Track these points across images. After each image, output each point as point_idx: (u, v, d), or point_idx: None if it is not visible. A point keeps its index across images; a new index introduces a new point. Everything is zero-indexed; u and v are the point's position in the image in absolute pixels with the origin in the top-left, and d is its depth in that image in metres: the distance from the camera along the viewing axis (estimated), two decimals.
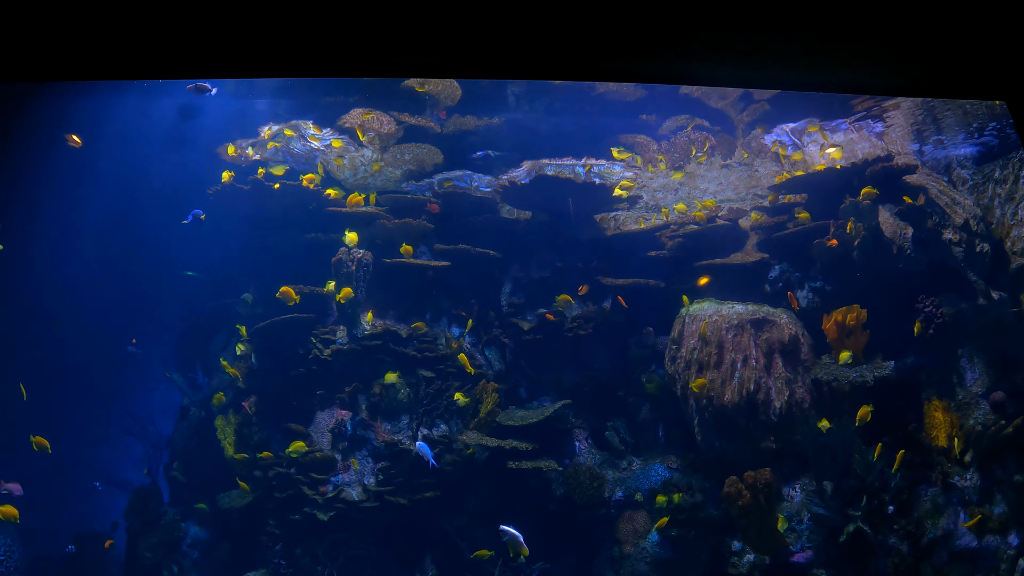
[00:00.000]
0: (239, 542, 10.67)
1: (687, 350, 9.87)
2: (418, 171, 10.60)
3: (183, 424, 11.44)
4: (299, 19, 2.00)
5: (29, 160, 10.24)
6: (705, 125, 10.35)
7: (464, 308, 10.07)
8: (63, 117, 9.93)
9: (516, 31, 2.06)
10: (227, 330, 11.46)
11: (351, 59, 2.21)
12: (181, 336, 11.89)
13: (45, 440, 8.67)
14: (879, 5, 2.00)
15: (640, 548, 9.81)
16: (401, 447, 9.37)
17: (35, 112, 9.82)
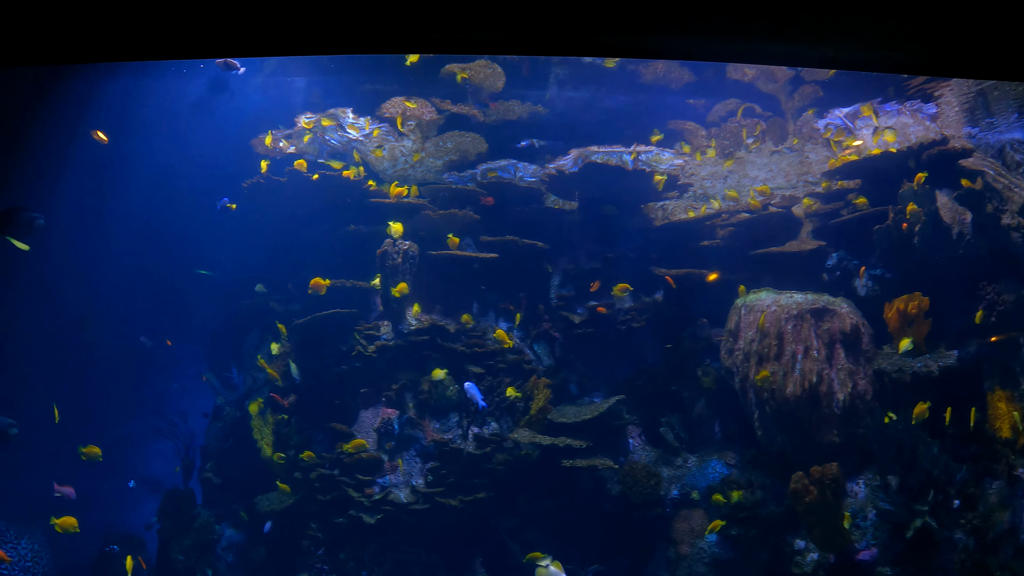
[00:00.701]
0: (275, 545, 10.33)
1: (745, 342, 9.59)
2: (460, 161, 10.31)
3: (217, 424, 11.12)
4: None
5: (58, 151, 9.91)
6: (756, 110, 10.10)
7: (512, 301, 9.77)
8: (92, 104, 9.59)
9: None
10: (262, 327, 11.14)
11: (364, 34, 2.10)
12: (214, 334, 11.55)
13: (96, 448, 8.35)
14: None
15: (697, 548, 9.52)
16: (452, 446, 9.05)
17: (62, 98, 9.49)
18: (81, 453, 8.51)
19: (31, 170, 9.88)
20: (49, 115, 9.49)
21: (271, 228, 10.05)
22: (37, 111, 9.43)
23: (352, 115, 9.80)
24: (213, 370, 11.31)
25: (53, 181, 10.18)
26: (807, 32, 2.10)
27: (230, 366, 10.96)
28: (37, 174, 10.03)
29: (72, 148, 9.89)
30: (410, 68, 9.79)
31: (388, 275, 9.14)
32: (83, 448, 8.50)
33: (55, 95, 9.44)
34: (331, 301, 9.68)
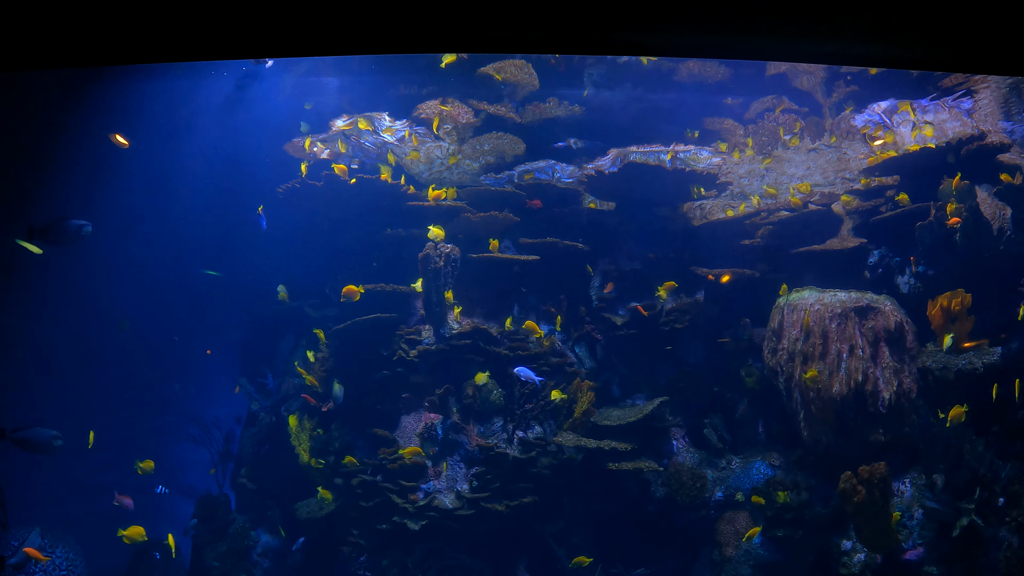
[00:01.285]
0: (311, 551, 10.32)
1: (789, 341, 9.60)
2: (497, 163, 10.29)
3: (252, 430, 11.08)
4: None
5: (89, 155, 9.88)
6: (792, 107, 10.09)
7: (553, 304, 9.76)
8: (124, 107, 9.56)
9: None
10: (295, 333, 11.11)
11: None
12: (245, 340, 11.51)
13: (151, 463, 8.34)
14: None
15: (743, 551, 9.53)
16: (497, 451, 9.02)
17: (95, 102, 9.45)
18: (137, 467, 8.51)
19: (63, 175, 9.84)
20: (81, 120, 9.45)
21: (307, 232, 10.00)
22: (69, 116, 9.38)
23: (388, 118, 9.76)
24: (246, 376, 11.27)
25: (90, 186, 10.14)
26: (829, 29, 2.12)
27: (265, 372, 10.91)
28: (71, 178, 10.00)
29: (99, 153, 9.85)
30: (445, 70, 9.76)
31: (431, 279, 9.12)
32: (139, 463, 8.50)
33: (86, 99, 9.39)
34: (370, 306, 9.65)
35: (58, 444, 7.93)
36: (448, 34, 2.12)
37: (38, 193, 9.70)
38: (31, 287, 10.69)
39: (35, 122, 9.24)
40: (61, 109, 9.17)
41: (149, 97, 9.80)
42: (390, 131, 9.86)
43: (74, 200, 9.95)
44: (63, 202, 9.66)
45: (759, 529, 9.02)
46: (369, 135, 10.08)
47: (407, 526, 9.05)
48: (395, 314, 9.61)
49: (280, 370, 11.17)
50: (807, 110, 10.31)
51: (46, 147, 9.49)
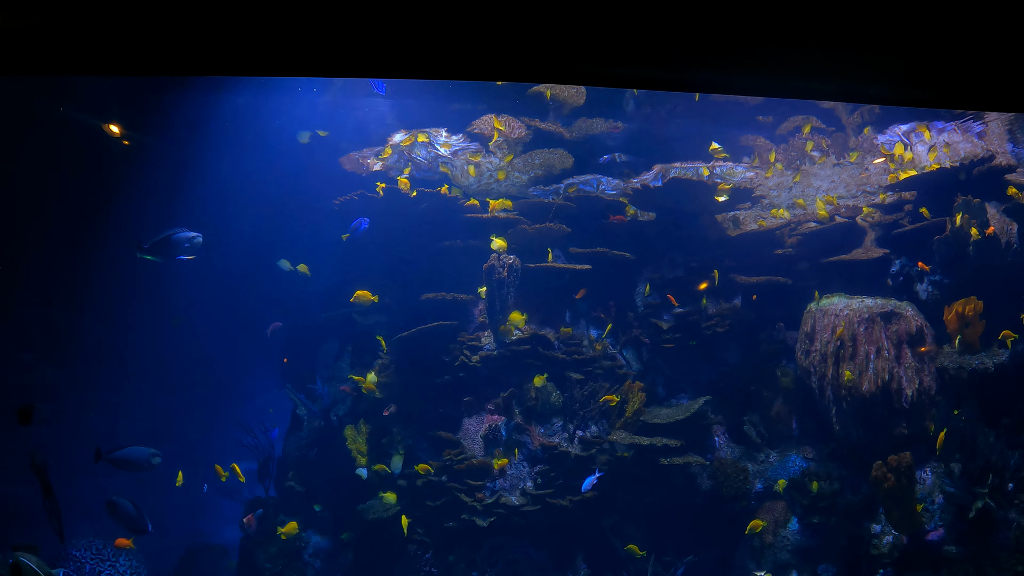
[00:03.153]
0: (362, 551, 11.01)
1: (821, 343, 10.70)
2: (545, 176, 11.14)
3: (299, 434, 11.70)
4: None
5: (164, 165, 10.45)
6: (820, 126, 11.19)
7: (603, 310, 10.66)
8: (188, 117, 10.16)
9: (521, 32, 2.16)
10: (341, 339, 11.76)
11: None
12: (286, 346, 12.11)
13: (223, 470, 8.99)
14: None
15: (781, 537, 10.60)
16: (560, 450, 9.89)
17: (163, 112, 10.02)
18: (219, 473, 9.12)
19: (138, 186, 10.38)
20: (155, 129, 10.01)
21: (364, 243, 10.68)
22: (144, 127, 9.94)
23: (445, 133, 10.51)
24: (292, 382, 11.87)
25: (165, 196, 10.69)
26: (805, 69, 2.38)
27: (315, 377, 11.54)
28: (147, 189, 10.54)
29: (171, 163, 10.42)
30: (498, 88, 10.56)
31: (494, 287, 9.93)
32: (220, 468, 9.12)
33: (158, 109, 9.95)
34: (427, 314, 10.40)
35: (156, 462, 8.47)
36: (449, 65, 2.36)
37: (114, 204, 10.18)
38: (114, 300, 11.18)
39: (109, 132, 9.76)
40: (135, 118, 9.70)
41: (216, 108, 10.37)
42: (447, 145, 10.61)
43: (149, 211, 10.47)
44: (138, 214, 10.16)
45: (762, 524, 10.02)
46: (422, 149, 10.81)
47: (475, 523, 9.85)
48: (456, 321, 10.37)
49: (325, 375, 11.80)
50: (833, 129, 11.43)
51: (118, 158, 10.00)
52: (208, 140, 11.03)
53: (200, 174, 11.37)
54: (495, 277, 9.98)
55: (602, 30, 2.17)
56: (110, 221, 10.78)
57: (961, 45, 2.20)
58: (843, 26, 2.14)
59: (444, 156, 10.90)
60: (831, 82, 2.59)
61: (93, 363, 12.16)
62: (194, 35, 2.27)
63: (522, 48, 2.27)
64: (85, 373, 12.12)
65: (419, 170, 11.21)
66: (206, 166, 11.22)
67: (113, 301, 11.66)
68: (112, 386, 12.36)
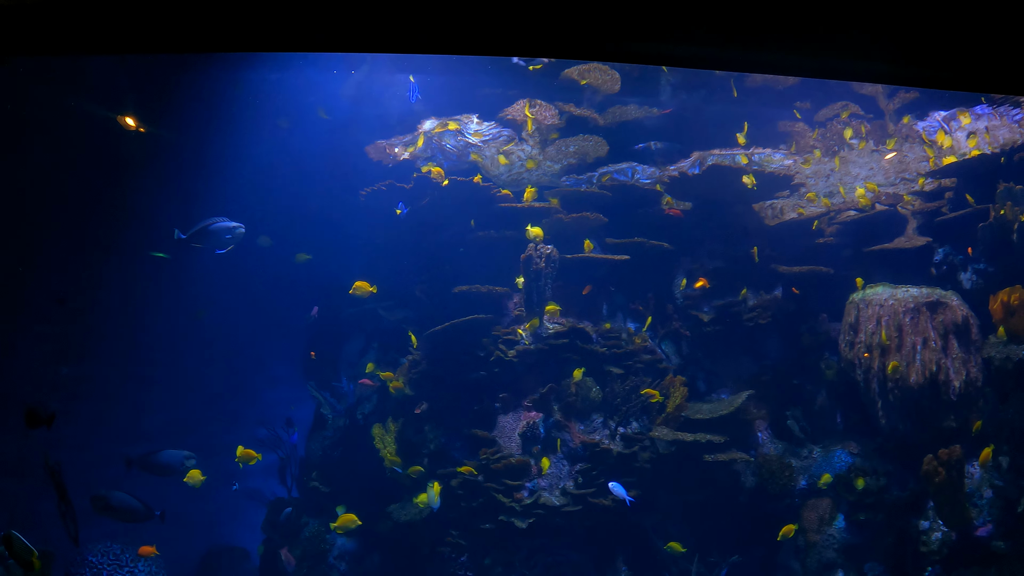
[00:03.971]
0: (390, 553, 10.72)
1: (865, 335, 10.50)
2: (578, 164, 10.89)
3: (323, 433, 11.38)
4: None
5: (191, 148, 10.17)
6: (858, 112, 11.00)
7: (641, 302, 10.41)
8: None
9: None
10: (366, 335, 11.47)
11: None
12: (307, 343, 11.80)
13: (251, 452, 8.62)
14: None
15: (827, 535, 10.38)
16: (601, 447, 9.63)
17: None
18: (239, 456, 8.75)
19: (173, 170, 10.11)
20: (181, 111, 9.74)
21: (393, 235, 10.39)
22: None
23: (476, 121, 10.23)
24: (315, 380, 11.56)
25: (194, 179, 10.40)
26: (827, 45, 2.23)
27: (340, 375, 11.24)
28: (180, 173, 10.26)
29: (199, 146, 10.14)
30: (530, 72, 10.28)
31: (532, 279, 9.66)
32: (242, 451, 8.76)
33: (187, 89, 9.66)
34: (458, 307, 10.12)
35: (191, 464, 8.12)
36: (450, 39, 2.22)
37: (130, 197, 9.84)
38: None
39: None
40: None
41: (235, 97, 10.06)
42: (478, 135, 10.33)
43: (167, 203, 10.14)
44: (155, 206, 9.84)
45: (793, 527, 9.78)
46: (451, 137, 10.52)
47: (514, 524, 9.56)
48: (490, 315, 10.09)
49: (350, 373, 11.49)
50: (871, 115, 11.24)
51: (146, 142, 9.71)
52: (226, 130, 10.72)
53: (218, 166, 11.06)
54: (533, 268, 9.71)
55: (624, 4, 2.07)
56: (127, 215, 10.43)
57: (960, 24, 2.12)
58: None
59: (474, 144, 10.62)
60: (871, 62, 2.44)
61: (111, 361, 11.82)
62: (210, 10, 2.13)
63: (545, 20, 2.14)
64: (103, 371, 11.77)
65: (447, 159, 10.92)
66: (224, 157, 10.90)
67: (132, 296, 11.31)
68: (130, 384, 12.01)
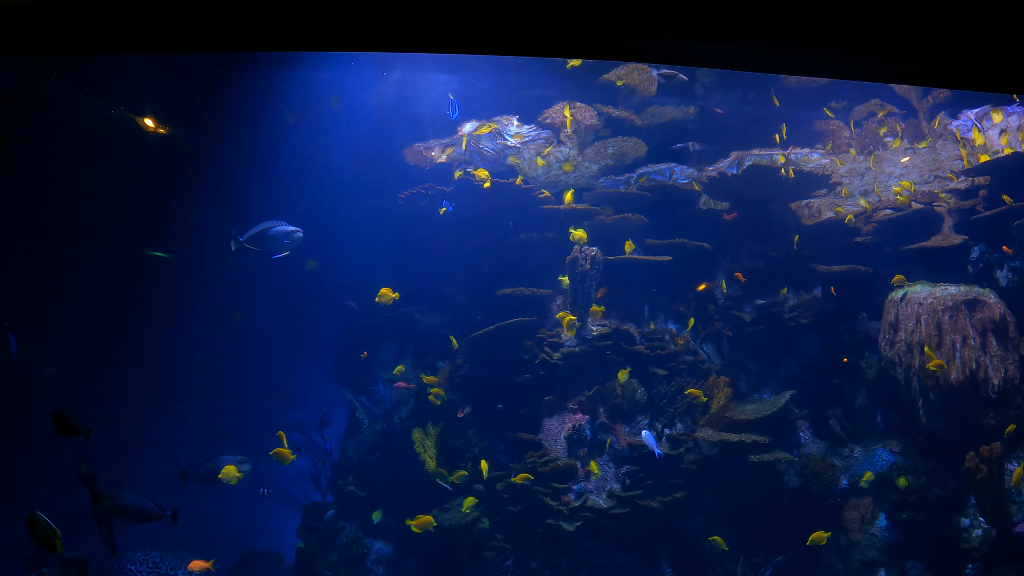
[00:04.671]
0: (428, 558, 10.74)
1: (905, 333, 10.61)
2: (616, 165, 10.93)
3: (358, 437, 11.38)
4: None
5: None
6: (894, 111, 11.09)
7: (682, 303, 10.47)
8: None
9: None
10: (401, 339, 11.48)
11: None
12: (340, 347, 11.79)
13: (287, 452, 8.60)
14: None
15: (868, 534, 10.49)
16: (648, 449, 9.66)
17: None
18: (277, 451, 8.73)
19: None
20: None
21: (429, 238, 10.39)
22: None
23: (516, 123, 10.24)
24: (349, 384, 11.55)
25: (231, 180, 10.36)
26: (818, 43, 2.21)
27: (374, 379, 11.23)
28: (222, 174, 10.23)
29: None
30: (568, 72, 10.31)
31: (577, 281, 9.69)
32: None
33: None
34: (503, 309, 10.13)
35: (247, 469, 8.08)
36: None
37: (164, 204, 9.80)
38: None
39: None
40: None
41: (269, 102, 10.01)
42: (519, 136, 10.34)
43: (201, 208, 10.09)
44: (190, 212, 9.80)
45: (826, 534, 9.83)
46: (488, 139, 10.52)
47: (561, 527, 9.59)
48: (535, 317, 10.11)
49: (386, 377, 11.48)
50: (905, 112, 11.34)
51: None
52: (260, 135, 10.67)
53: (252, 170, 11.01)
54: (578, 270, 9.74)
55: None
56: (159, 221, 10.37)
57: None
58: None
59: (512, 147, 10.63)
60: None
61: (146, 367, 11.76)
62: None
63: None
64: (138, 377, 11.72)
65: (485, 161, 10.92)
66: (258, 162, 10.85)
67: (165, 302, 11.26)
68: (167, 391, 11.95)
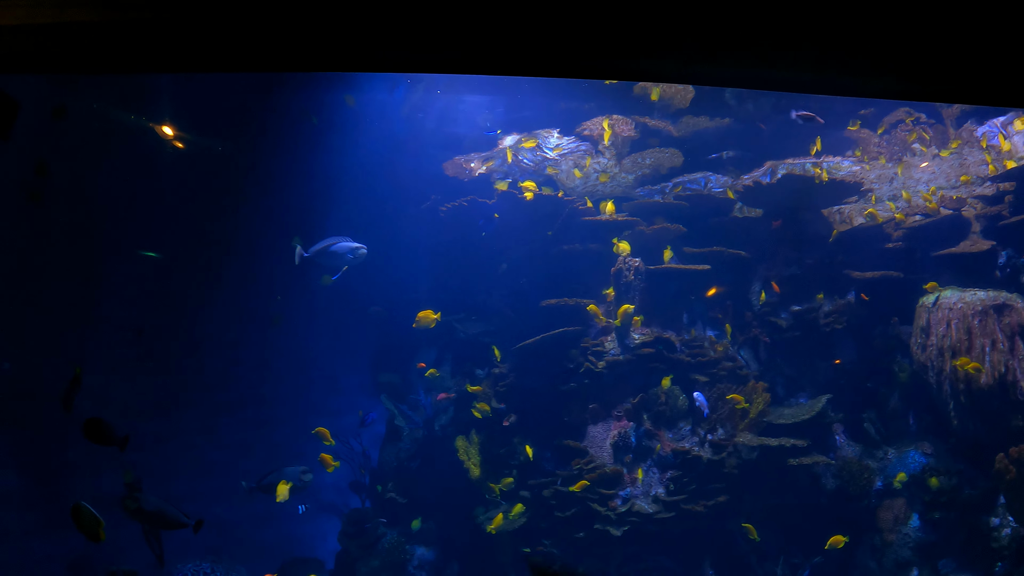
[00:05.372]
0: (470, 563, 10.96)
1: (936, 337, 10.91)
2: (652, 175, 11.13)
3: (397, 445, 11.58)
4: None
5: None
6: (921, 118, 11.37)
7: (719, 310, 10.72)
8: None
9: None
10: (439, 347, 11.67)
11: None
12: (376, 355, 11.98)
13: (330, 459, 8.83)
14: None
15: (902, 535, 10.81)
16: (692, 454, 9.93)
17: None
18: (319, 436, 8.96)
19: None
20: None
21: (471, 249, 10.58)
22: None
23: (556, 135, 10.43)
24: (386, 392, 11.73)
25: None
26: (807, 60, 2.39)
27: (412, 387, 11.42)
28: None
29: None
30: (605, 87, 10.51)
31: (622, 291, 9.91)
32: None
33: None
34: (546, 320, 10.34)
35: (308, 479, 8.26)
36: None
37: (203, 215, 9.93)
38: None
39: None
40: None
41: (305, 113, 10.17)
42: (558, 149, 10.53)
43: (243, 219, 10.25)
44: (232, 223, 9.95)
45: (844, 539, 10.12)
46: (528, 152, 10.71)
47: (609, 532, 9.84)
48: (579, 327, 10.32)
49: (426, 385, 11.68)
50: (933, 121, 11.62)
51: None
52: (300, 146, 10.81)
53: (288, 181, 11.13)
54: (623, 281, 9.96)
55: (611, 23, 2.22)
56: (205, 234, 10.50)
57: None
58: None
59: (551, 158, 10.82)
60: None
61: (189, 378, 11.91)
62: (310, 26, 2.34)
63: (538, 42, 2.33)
64: (180, 387, 11.87)
65: (524, 173, 11.11)
66: (296, 173, 10.99)
67: (211, 313, 11.40)
68: (209, 402, 12.11)
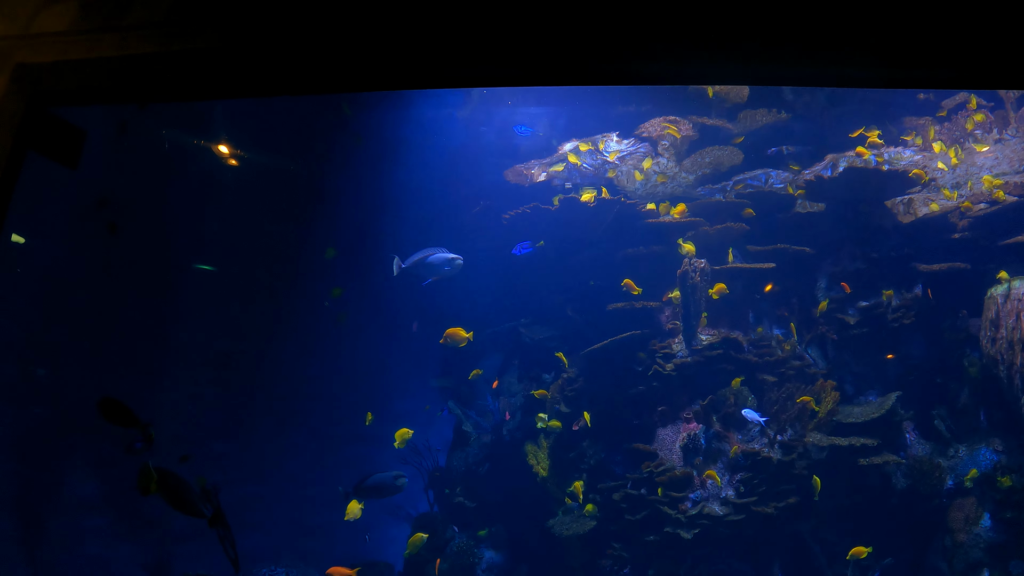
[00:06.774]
0: (538, 566, 11.13)
1: (1006, 330, 10.79)
2: (712, 174, 11.12)
3: (466, 450, 11.78)
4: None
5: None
6: (982, 103, 11.18)
7: (785, 308, 10.71)
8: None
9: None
10: (505, 353, 11.85)
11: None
12: (444, 362, 12.17)
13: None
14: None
15: (973, 535, 10.76)
16: (761, 456, 9.96)
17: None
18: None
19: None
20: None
21: (534, 255, 10.68)
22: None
23: (616, 139, 10.45)
24: (453, 398, 11.93)
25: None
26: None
27: (480, 393, 11.60)
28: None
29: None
30: (660, 88, 10.49)
31: (688, 293, 9.97)
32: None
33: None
34: (614, 323, 10.45)
35: (402, 483, 8.53)
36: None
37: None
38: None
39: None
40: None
41: (366, 128, 10.34)
42: (615, 153, 10.57)
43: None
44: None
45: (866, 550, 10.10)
46: (588, 156, 10.74)
47: (680, 535, 9.95)
48: (646, 330, 10.39)
49: (493, 391, 11.85)
50: (992, 104, 11.42)
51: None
52: (359, 159, 10.96)
53: (348, 194, 11.32)
54: (688, 283, 10.01)
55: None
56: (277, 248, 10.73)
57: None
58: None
59: (611, 162, 10.85)
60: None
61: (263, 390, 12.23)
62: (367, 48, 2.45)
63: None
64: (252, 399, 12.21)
65: (584, 177, 11.16)
66: (356, 185, 11.16)
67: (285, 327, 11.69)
68: (280, 412, 12.43)
